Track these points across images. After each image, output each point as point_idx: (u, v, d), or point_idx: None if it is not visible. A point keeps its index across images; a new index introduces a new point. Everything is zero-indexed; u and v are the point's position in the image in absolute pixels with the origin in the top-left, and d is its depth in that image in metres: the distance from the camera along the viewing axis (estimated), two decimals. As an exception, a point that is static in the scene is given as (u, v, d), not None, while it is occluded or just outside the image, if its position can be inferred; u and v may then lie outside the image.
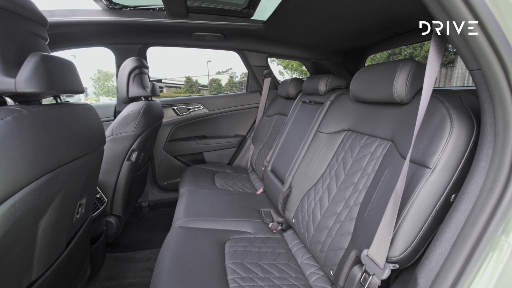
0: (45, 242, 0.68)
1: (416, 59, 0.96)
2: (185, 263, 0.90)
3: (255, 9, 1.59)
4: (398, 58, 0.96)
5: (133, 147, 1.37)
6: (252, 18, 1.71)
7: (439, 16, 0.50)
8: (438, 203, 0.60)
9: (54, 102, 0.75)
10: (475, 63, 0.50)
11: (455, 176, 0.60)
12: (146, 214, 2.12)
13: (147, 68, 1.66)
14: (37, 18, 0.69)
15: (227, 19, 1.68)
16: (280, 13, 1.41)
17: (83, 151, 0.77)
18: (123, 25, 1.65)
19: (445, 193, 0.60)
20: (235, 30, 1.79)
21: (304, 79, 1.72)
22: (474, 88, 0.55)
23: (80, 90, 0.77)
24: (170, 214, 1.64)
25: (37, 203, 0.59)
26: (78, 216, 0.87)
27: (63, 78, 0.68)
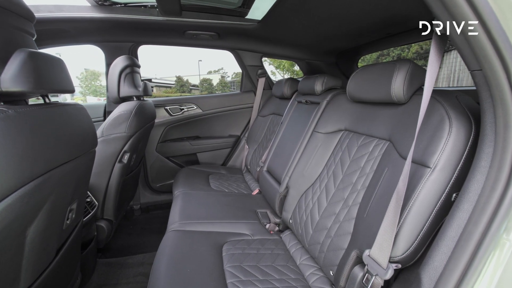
0: (33, 251, 0.64)
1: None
2: (183, 267, 0.87)
3: (249, 8, 1.57)
4: (387, 59, 0.97)
5: (125, 148, 1.33)
6: (247, 17, 1.69)
7: (441, 16, 0.50)
8: (439, 202, 0.61)
9: (42, 102, 0.71)
10: (477, 64, 0.50)
11: (455, 175, 0.60)
12: (138, 217, 2.06)
13: (139, 67, 1.61)
14: (23, 12, 0.65)
15: (221, 17, 1.66)
16: (275, 13, 1.40)
17: (74, 153, 0.73)
18: (114, 22, 1.59)
19: (445, 193, 0.60)
20: (229, 29, 1.76)
21: (299, 79, 1.72)
22: (463, 88, 0.56)
23: (70, 89, 0.73)
24: (162, 217, 1.60)
25: (25, 210, 0.55)
26: (68, 222, 0.83)
27: (52, 77, 0.65)
